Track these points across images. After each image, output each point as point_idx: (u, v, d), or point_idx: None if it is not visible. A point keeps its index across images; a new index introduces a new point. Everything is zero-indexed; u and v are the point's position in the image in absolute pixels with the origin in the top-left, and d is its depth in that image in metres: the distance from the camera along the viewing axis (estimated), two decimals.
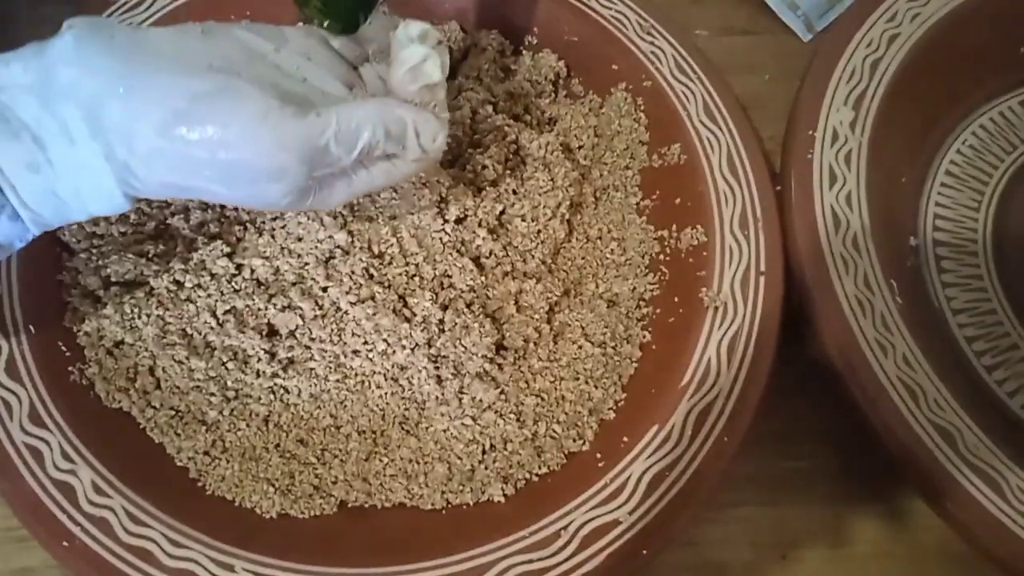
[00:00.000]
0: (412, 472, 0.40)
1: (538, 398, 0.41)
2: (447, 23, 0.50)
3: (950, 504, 0.37)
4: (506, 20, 0.50)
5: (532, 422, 0.41)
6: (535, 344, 0.42)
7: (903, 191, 0.49)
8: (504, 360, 0.41)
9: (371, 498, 0.39)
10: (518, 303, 0.42)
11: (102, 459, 0.37)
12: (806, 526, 0.42)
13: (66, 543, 0.35)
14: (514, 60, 0.50)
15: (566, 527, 0.37)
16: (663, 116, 0.47)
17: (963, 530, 0.38)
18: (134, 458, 0.38)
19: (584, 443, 0.41)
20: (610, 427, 0.41)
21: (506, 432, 0.40)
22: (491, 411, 0.40)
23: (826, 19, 0.55)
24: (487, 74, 0.49)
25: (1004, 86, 0.52)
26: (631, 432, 0.39)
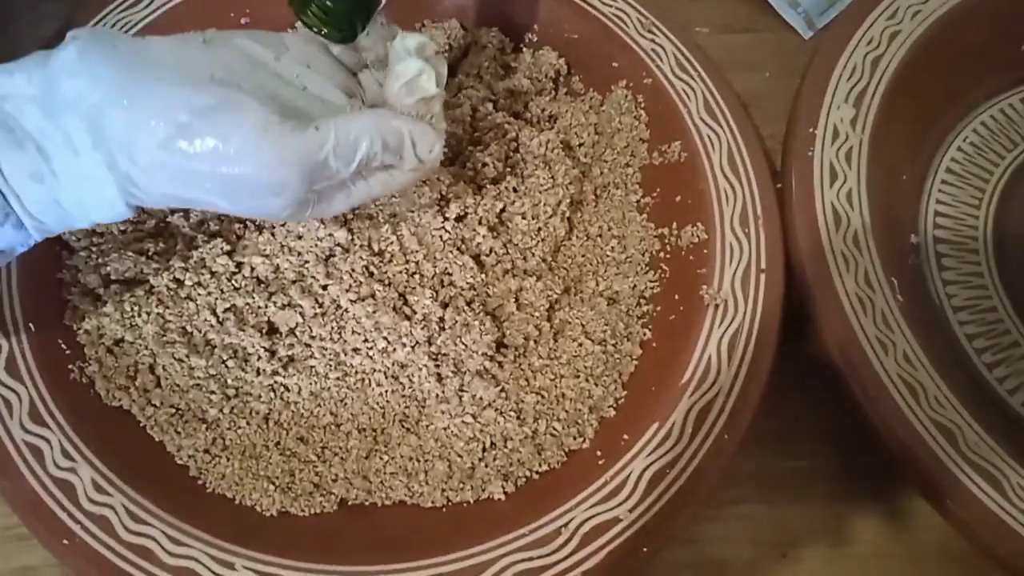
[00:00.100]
0: (412, 470, 0.40)
1: (538, 396, 0.41)
2: (447, 20, 0.50)
3: (951, 502, 0.37)
4: (506, 17, 0.50)
5: (532, 420, 0.41)
6: (535, 342, 0.42)
7: (904, 189, 0.49)
8: (504, 358, 0.41)
9: (371, 496, 0.39)
10: (518, 301, 0.42)
11: (102, 457, 0.37)
12: (806, 525, 0.42)
13: (66, 541, 0.35)
14: (514, 58, 0.50)
15: (566, 525, 0.37)
16: (664, 114, 0.47)
17: (964, 528, 0.38)
18: (134, 456, 0.38)
19: (584, 441, 0.41)
20: (610, 425, 0.41)
21: (506, 430, 0.40)
22: (491, 409, 0.40)
23: (827, 16, 0.55)
24: (487, 71, 0.49)
25: (1005, 83, 0.52)
26: (631, 430, 0.39)
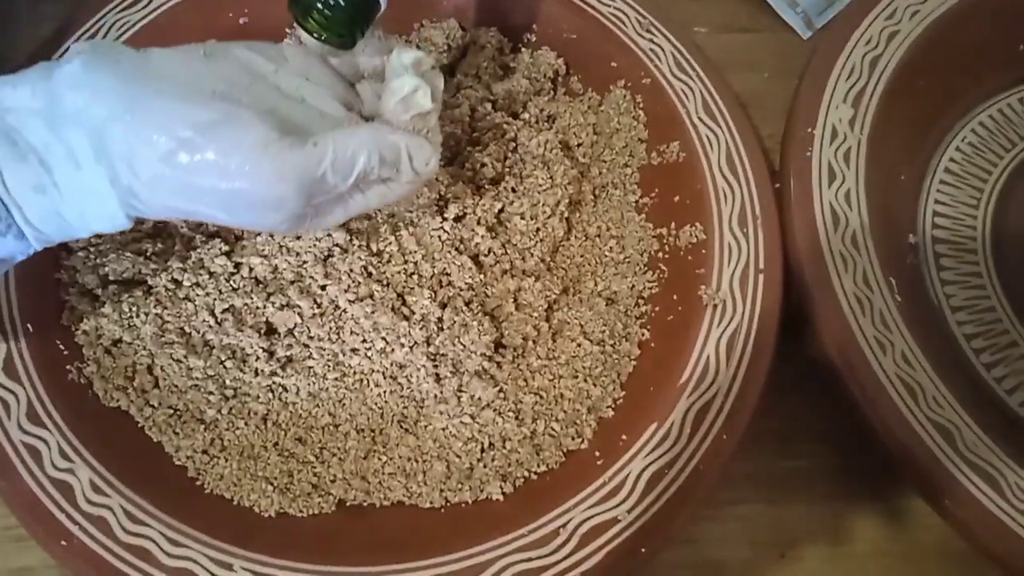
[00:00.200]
0: (411, 470, 0.40)
1: (537, 396, 0.41)
2: (446, 20, 0.50)
3: (949, 502, 0.37)
4: (505, 18, 0.50)
5: (531, 420, 0.41)
6: (534, 342, 0.42)
7: (902, 189, 0.49)
8: (503, 358, 0.41)
9: (370, 496, 0.39)
10: (517, 301, 0.42)
11: (100, 458, 0.37)
12: (805, 525, 0.42)
13: (64, 542, 0.35)
14: (513, 58, 0.50)
15: (565, 525, 0.37)
16: (662, 114, 0.47)
17: (962, 528, 0.38)
18: (132, 457, 0.38)
19: (583, 441, 0.41)
20: (609, 425, 0.41)
21: (505, 430, 0.40)
22: (490, 409, 0.40)
23: (825, 16, 0.55)
24: (486, 72, 0.49)
25: (1003, 83, 0.52)
26: (630, 430, 0.39)
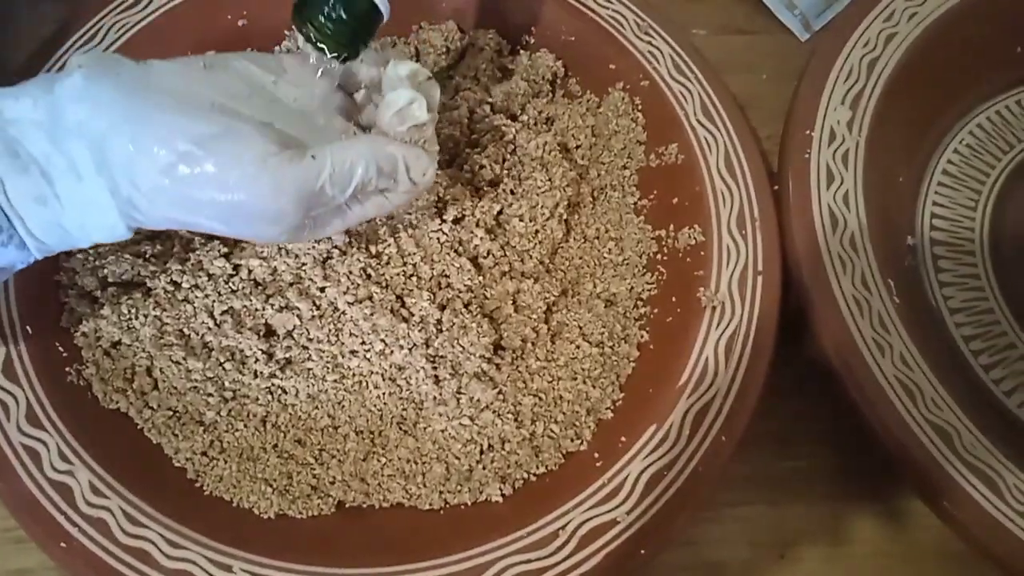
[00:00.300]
0: (410, 472, 0.40)
1: (536, 398, 0.41)
2: (445, 23, 0.50)
3: (948, 503, 0.37)
4: (503, 20, 0.50)
5: (530, 422, 0.41)
6: (533, 344, 0.42)
7: (900, 190, 0.49)
8: (502, 360, 0.41)
9: (369, 498, 0.39)
10: (516, 303, 0.42)
11: (100, 460, 0.37)
12: (804, 526, 0.42)
13: (64, 544, 0.35)
14: (511, 60, 0.50)
15: (564, 527, 0.37)
16: (660, 116, 0.47)
17: (961, 529, 0.38)
18: (132, 459, 0.38)
19: (582, 443, 0.41)
20: (608, 427, 0.41)
21: (504, 432, 0.40)
22: (489, 411, 0.40)
23: (823, 18, 0.55)
24: (484, 74, 0.49)
25: (1001, 85, 0.53)
26: (629, 432, 0.39)
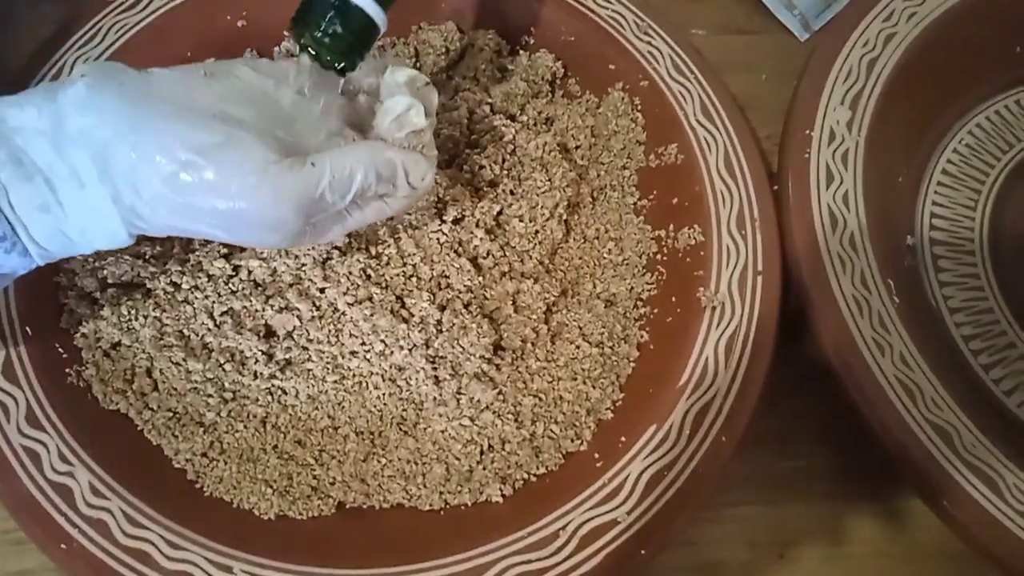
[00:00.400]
0: (410, 473, 0.40)
1: (536, 398, 0.41)
2: (444, 23, 0.50)
3: (948, 503, 0.37)
4: (503, 20, 0.50)
5: (530, 422, 0.41)
6: (533, 344, 0.42)
7: (900, 190, 0.49)
8: (502, 360, 0.41)
9: (369, 499, 0.39)
10: (516, 303, 0.42)
11: (100, 461, 0.37)
12: (804, 525, 0.42)
13: (64, 545, 0.35)
14: (511, 60, 0.50)
15: (564, 527, 0.37)
16: (660, 116, 0.47)
17: (960, 529, 0.38)
18: (132, 460, 0.38)
19: (582, 443, 0.41)
20: (608, 427, 0.41)
21: (504, 432, 0.40)
22: (489, 411, 0.40)
23: (823, 18, 0.55)
24: (484, 74, 0.49)
25: (1000, 85, 0.53)
26: (629, 432, 0.39)
